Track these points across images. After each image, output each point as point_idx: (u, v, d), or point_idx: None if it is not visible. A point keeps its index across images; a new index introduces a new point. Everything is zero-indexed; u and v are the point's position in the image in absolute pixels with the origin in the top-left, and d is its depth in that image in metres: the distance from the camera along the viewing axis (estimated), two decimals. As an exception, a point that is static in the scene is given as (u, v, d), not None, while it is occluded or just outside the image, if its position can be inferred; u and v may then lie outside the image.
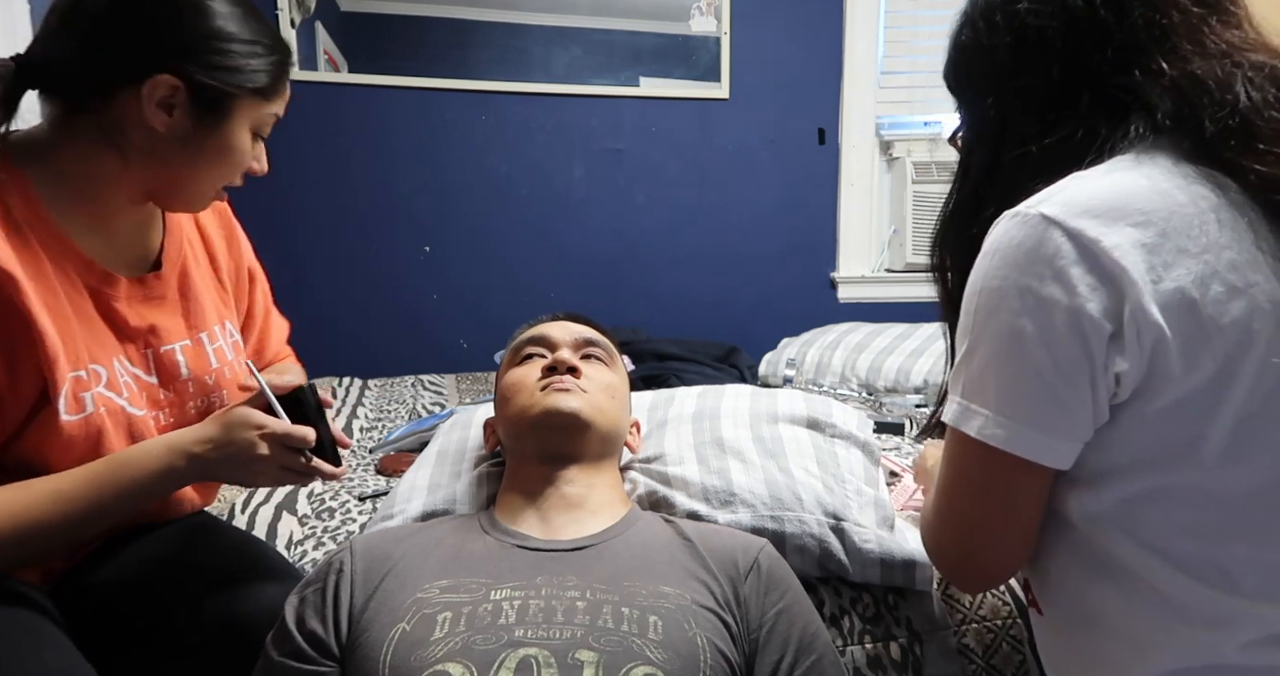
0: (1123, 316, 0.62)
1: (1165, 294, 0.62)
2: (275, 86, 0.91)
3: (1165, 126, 0.68)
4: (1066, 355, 0.64)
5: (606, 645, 0.72)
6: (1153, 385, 0.63)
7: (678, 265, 2.58)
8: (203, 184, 0.92)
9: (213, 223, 1.08)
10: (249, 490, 1.35)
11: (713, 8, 2.48)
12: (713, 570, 0.83)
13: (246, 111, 0.89)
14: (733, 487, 1.05)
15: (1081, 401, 0.64)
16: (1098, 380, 0.64)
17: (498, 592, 0.78)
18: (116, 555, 0.90)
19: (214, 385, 0.99)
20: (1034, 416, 0.66)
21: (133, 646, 0.84)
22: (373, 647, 0.73)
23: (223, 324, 1.03)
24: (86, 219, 0.88)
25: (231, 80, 0.86)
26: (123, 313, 0.90)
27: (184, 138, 0.86)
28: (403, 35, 2.35)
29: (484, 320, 2.14)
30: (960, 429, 0.69)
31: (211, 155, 0.89)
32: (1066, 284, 0.63)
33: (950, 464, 0.73)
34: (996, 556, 0.73)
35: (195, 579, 0.87)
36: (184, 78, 0.83)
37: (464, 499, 1.06)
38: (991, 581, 0.74)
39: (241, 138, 0.90)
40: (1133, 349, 0.62)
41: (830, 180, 2.64)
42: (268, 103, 0.91)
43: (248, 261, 1.13)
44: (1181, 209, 0.63)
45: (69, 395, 0.81)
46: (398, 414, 1.86)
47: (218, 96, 0.86)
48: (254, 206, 1.14)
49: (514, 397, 1.00)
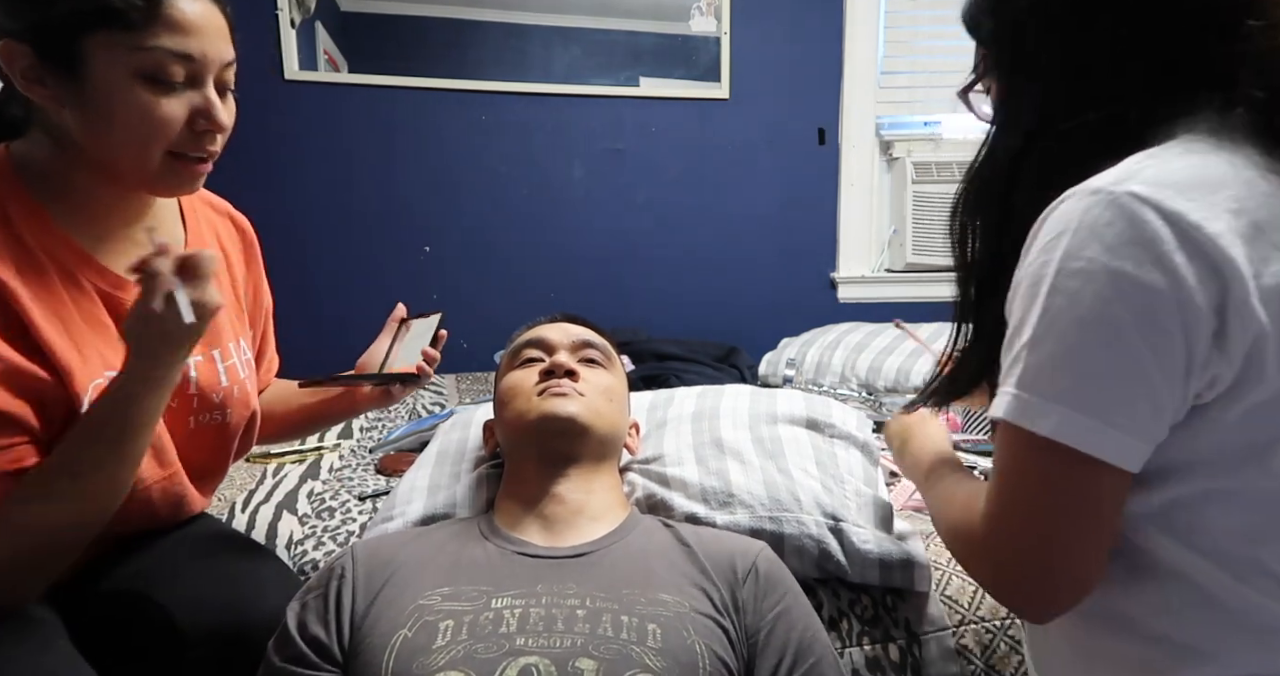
0: (1227, 311, 0.56)
1: (1266, 290, 0.56)
2: (128, 13, 0.76)
3: (1244, 104, 0.61)
4: (1167, 349, 0.57)
5: (606, 653, 0.72)
6: (1240, 387, 0.58)
7: (678, 265, 2.58)
8: (129, 153, 0.82)
9: (234, 241, 1.07)
10: (249, 490, 1.35)
11: (713, 8, 2.47)
12: (711, 575, 0.84)
13: (106, 52, 0.77)
14: (731, 488, 1.05)
15: (1173, 400, 0.58)
16: (1192, 378, 0.58)
17: (498, 601, 0.78)
18: (118, 563, 0.90)
19: (219, 403, 0.97)
20: (1121, 414, 0.58)
21: (135, 653, 0.84)
22: (375, 653, 0.74)
23: (238, 342, 1.02)
24: (85, 220, 0.86)
25: (63, 18, 0.75)
26: None
27: (70, 106, 0.79)
28: (403, 35, 2.35)
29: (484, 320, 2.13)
30: (1026, 427, 0.60)
31: (102, 118, 0.79)
32: (1170, 271, 0.56)
33: (1012, 470, 0.63)
34: (1076, 575, 0.63)
35: (196, 585, 0.87)
36: (27, 39, 0.76)
37: (464, 501, 1.07)
38: (1067, 605, 0.63)
39: (119, 87, 0.78)
40: (1234, 347, 0.57)
41: (830, 180, 2.64)
42: (132, 34, 0.77)
43: (264, 288, 1.12)
44: (1269, 200, 0.58)
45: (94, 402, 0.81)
46: (397, 413, 1.87)
47: (62, 45, 0.76)
48: (254, 206, 1.14)
49: (512, 401, 1.00)
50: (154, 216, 0.94)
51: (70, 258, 0.84)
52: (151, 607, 0.84)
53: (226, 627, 0.83)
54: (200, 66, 0.81)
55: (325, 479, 1.40)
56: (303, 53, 2.27)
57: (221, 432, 0.98)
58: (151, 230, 0.91)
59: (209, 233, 1.02)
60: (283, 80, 2.26)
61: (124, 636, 0.84)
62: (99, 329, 0.85)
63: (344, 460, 1.51)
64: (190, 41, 0.80)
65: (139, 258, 0.75)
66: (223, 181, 1.10)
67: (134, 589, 0.86)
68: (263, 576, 0.90)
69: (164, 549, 0.93)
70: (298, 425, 1.16)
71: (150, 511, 0.92)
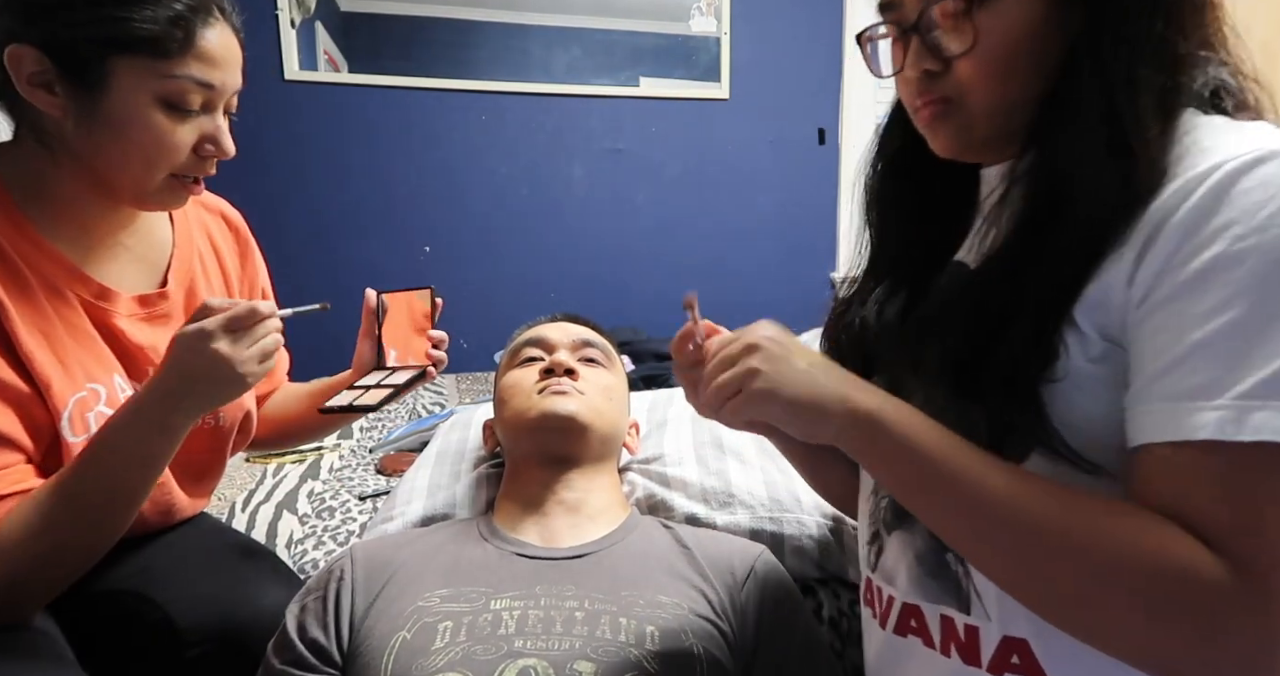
0: None
1: None
2: (166, 42, 0.76)
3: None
4: None
5: (604, 656, 0.72)
6: None
7: (677, 265, 2.58)
8: (132, 172, 0.81)
9: (227, 238, 1.06)
10: (249, 490, 1.35)
11: (713, 8, 2.48)
12: (710, 578, 0.83)
13: (133, 75, 0.77)
14: (731, 488, 1.05)
15: None
16: None
17: (497, 602, 0.78)
18: (116, 563, 0.90)
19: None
20: None
21: (133, 653, 0.84)
22: (374, 655, 0.73)
23: None
24: (71, 230, 0.85)
25: (95, 37, 0.74)
26: (122, 329, 0.87)
27: (77, 117, 0.78)
28: (403, 35, 2.35)
29: (484, 320, 2.14)
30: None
31: (112, 134, 0.79)
32: None
33: (1265, 506, 0.49)
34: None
35: (194, 585, 0.87)
36: (42, 46, 0.74)
37: (463, 502, 1.07)
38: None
39: (138, 109, 0.78)
40: None
41: (830, 180, 2.64)
42: (163, 62, 0.77)
43: (261, 282, 1.11)
44: None
45: (74, 416, 0.80)
46: (397, 413, 1.87)
47: (85, 60, 0.75)
48: (254, 206, 1.14)
49: (511, 400, 1.00)
50: (141, 223, 0.93)
51: (53, 268, 0.82)
52: (150, 607, 0.84)
53: (225, 627, 0.83)
54: (217, 95, 0.83)
55: (325, 479, 1.40)
56: (303, 53, 2.27)
57: (215, 434, 0.98)
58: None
59: (199, 232, 1.01)
60: (283, 80, 2.26)
61: (122, 636, 0.84)
62: (83, 340, 0.83)
63: (344, 460, 1.51)
64: (214, 72, 0.81)
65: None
66: (223, 181, 1.10)
67: (132, 589, 0.86)
68: (260, 576, 0.90)
69: (162, 549, 0.93)
70: (302, 432, 1.16)
71: (140, 520, 0.90)
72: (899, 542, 0.70)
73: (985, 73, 0.61)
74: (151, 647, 0.83)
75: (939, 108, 0.65)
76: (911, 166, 0.75)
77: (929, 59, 0.63)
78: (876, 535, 0.73)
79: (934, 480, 0.57)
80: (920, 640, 0.68)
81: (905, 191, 0.77)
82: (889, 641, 0.71)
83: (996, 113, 0.63)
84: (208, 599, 0.85)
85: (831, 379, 0.62)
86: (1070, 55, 0.59)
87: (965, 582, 0.64)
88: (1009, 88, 0.61)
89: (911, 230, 0.76)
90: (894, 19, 0.66)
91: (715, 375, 0.64)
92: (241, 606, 0.85)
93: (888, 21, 0.66)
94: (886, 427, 0.59)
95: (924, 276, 0.72)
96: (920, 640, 0.68)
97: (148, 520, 0.93)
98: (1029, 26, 0.59)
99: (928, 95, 0.65)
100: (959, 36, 0.61)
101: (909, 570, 0.68)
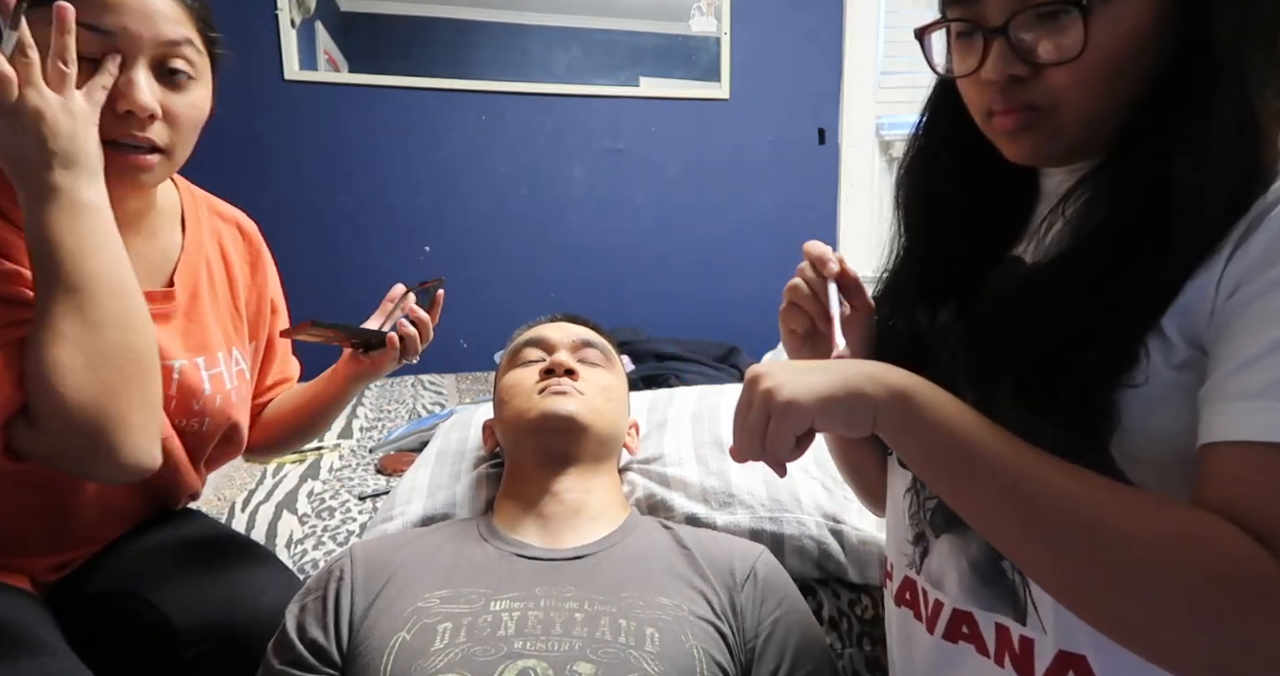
0: None
1: None
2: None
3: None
4: None
5: (604, 657, 0.72)
6: None
7: (678, 265, 2.58)
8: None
9: (239, 249, 1.05)
10: (248, 489, 1.35)
11: (713, 8, 2.47)
12: (709, 579, 0.83)
13: (41, 31, 0.71)
14: (731, 488, 1.05)
15: None
16: None
17: (497, 603, 0.78)
18: (112, 563, 0.90)
19: (199, 411, 0.94)
20: None
21: (131, 653, 0.83)
22: (373, 656, 0.73)
23: (229, 351, 0.99)
24: None
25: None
26: None
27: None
28: (403, 35, 2.35)
29: (484, 320, 2.14)
30: None
31: None
32: None
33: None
34: None
35: (192, 585, 0.86)
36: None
37: (463, 502, 1.07)
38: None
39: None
40: None
41: (830, 180, 2.64)
42: (49, 8, 0.71)
43: (271, 291, 1.10)
44: None
45: None
46: (397, 413, 1.87)
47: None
48: (253, 207, 1.13)
49: (511, 400, 1.00)
50: (151, 224, 0.92)
51: None
52: (147, 607, 0.84)
53: (223, 627, 0.83)
54: (122, 44, 0.76)
55: (325, 478, 1.40)
56: (303, 53, 2.27)
57: (196, 437, 0.96)
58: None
59: (210, 239, 1.01)
60: (283, 80, 2.26)
61: (120, 636, 0.84)
62: None
63: (344, 460, 1.51)
64: (107, 17, 0.75)
65: None
66: (223, 181, 1.11)
67: (129, 589, 0.86)
68: (258, 575, 0.90)
69: (159, 548, 0.93)
70: (295, 424, 1.16)
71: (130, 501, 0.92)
72: (949, 546, 0.67)
73: (1087, 80, 0.57)
74: (150, 648, 0.83)
75: (1025, 117, 0.60)
76: (964, 169, 0.71)
77: (1018, 64, 0.58)
78: (921, 536, 0.71)
79: (974, 463, 0.54)
80: (973, 647, 0.65)
81: (958, 194, 0.72)
82: (939, 646, 0.68)
83: (1093, 121, 0.59)
84: (206, 599, 0.85)
85: (850, 368, 0.59)
86: (1185, 55, 0.56)
87: (1022, 592, 0.62)
88: (1111, 95, 0.58)
89: (964, 232, 0.72)
90: (970, 16, 0.61)
91: (740, 425, 0.61)
92: (240, 606, 0.85)
93: (963, 19, 0.62)
94: (920, 404, 0.56)
95: (976, 278, 0.69)
96: (973, 647, 0.65)
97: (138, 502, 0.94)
98: (1140, 33, 0.56)
99: (1013, 102, 0.60)
100: (1060, 42, 0.56)
101: (961, 576, 0.66)
